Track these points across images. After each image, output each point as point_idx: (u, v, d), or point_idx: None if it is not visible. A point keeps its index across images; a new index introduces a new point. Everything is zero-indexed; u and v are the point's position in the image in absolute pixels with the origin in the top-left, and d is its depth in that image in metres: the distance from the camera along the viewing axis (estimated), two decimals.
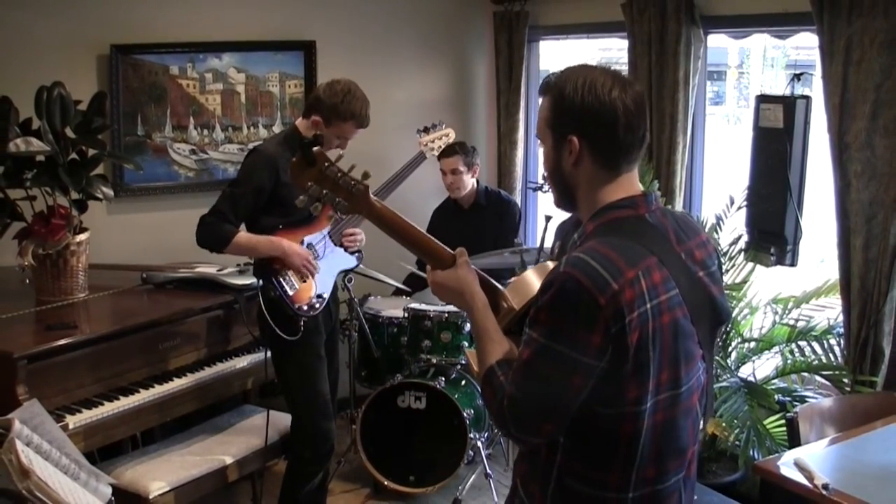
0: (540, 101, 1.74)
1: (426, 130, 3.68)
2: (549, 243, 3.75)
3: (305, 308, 3.24)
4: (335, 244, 3.37)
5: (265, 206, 3.22)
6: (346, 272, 3.65)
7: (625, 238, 1.62)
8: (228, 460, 3.35)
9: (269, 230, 3.22)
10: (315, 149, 1.71)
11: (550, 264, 1.86)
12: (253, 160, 3.23)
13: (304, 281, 3.26)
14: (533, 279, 1.82)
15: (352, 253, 3.47)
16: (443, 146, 3.75)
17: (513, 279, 1.90)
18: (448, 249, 1.85)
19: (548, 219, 3.83)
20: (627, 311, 1.53)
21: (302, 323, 3.23)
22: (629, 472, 1.63)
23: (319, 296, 3.30)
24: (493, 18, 5.16)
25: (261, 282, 3.26)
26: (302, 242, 3.27)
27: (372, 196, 1.76)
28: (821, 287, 3.74)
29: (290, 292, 3.21)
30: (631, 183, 1.70)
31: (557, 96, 1.66)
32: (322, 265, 3.32)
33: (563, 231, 3.57)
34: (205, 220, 3.16)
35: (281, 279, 3.20)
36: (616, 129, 1.63)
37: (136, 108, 4.23)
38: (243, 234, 3.18)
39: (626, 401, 1.59)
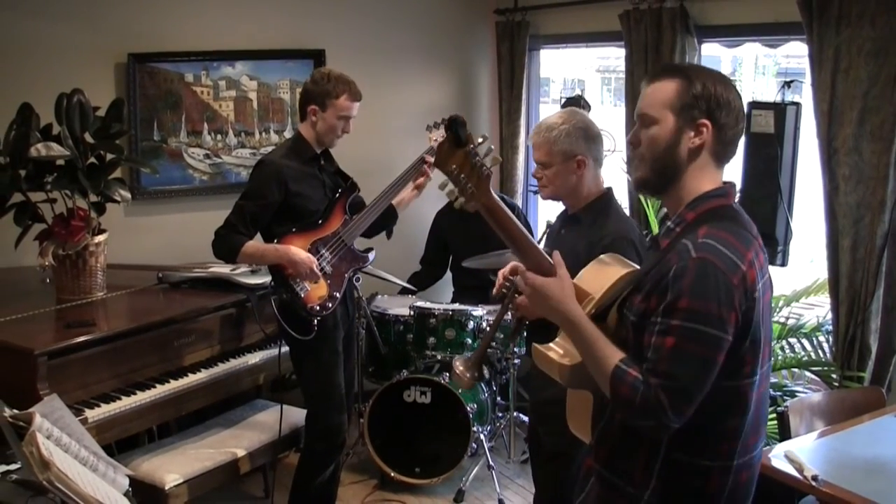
0: (654, 84, 1.75)
1: (436, 126, 3.60)
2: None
3: (318, 309, 3.25)
4: (348, 243, 3.37)
5: (277, 216, 3.25)
6: (357, 270, 3.63)
7: (734, 224, 1.70)
8: (241, 453, 3.41)
9: (283, 236, 3.26)
10: (466, 129, 1.66)
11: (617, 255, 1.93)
12: (260, 174, 3.24)
13: (316, 282, 3.27)
14: (613, 265, 1.85)
15: (364, 251, 3.47)
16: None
17: (588, 267, 1.94)
18: (547, 256, 1.85)
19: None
20: (752, 289, 1.63)
21: (315, 323, 3.25)
22: (736, 440, 1.71)
23: (332, 296, 3.30)
24: (495, 28, 5.23)
25: (272, 285, 3.30)
26: (313, 245, 3.29)
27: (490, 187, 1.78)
28: (810, 286, 3.79)
29: (302, 294, 3.23)
30: (721, 173, 1.79)
31: (696, 84, 1.70)
32: (334, 265, 3.33)
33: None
34: (218, 233, 3.21)
35: (293, 282, 3.22)
36: (740, 128, 1.76)
37: (153, 114, 4.29)
38: (251, 244, 3.20)
39: (743, 373, 1.67)
